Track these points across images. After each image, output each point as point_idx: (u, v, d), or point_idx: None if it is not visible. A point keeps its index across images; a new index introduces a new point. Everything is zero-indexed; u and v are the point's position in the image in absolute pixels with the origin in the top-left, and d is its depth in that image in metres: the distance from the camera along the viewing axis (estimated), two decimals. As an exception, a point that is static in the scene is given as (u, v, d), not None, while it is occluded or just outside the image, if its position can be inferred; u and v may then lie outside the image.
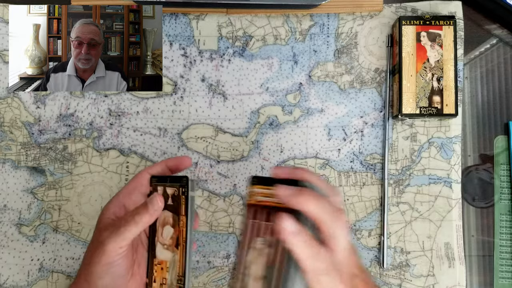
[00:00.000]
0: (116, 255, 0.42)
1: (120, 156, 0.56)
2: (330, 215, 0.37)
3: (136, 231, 0.42)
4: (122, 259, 0.42)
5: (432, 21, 0.54)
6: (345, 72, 0.57)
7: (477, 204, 0.57)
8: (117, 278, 0.43)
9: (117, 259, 0.42)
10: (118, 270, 0.43)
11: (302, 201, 0.37)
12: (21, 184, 0.56)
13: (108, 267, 0.42)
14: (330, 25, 0.57)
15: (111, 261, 0.42)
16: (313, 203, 0.37)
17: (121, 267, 0.43)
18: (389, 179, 0.56)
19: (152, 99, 0.57)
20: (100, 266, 0.42)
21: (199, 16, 0.57)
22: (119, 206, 0.45)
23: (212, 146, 0.56)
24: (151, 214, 0.42)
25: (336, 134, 0.56)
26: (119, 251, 0.42)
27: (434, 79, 0.54)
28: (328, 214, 0.37)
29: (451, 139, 0.56)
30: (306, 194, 0.37)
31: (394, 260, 0.55)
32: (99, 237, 0.43)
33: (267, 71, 0.57)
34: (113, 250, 0.41)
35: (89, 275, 0.43)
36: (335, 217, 0.37)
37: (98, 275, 0.42)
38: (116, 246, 0.41)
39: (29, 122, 0.56)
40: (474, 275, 0.56)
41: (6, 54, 0.57)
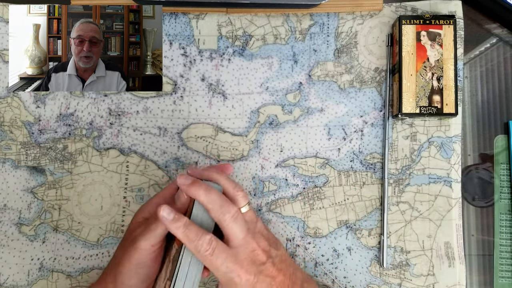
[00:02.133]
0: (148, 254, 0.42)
1: (120, 156, 0.56)
2: (216, 206, 0.42)
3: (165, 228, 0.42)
4: (152, 260, 0.43)
5: (432, 20, 0.54)
6: (345, 71, 0.57)
7: (477, 204, 0.57)
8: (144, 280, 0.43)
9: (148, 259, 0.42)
10: (147, 271, 0.43)
11: (194, 190, 0.42)
12: (21, 184, 0.56)
13: (137, 267, 0.42)
14: (330, 24, 0.57)
15: (142, 261, 0.42)
16: (202, 193, 0.42)
17: (150, 269, 0.43)
18: (389, 179, 0.56)
19: (152, 99, 0.57)
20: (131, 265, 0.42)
21: (199, 15, 0.58)
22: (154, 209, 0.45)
23: (212, 145, 0.56)
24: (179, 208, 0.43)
25: (336, 134, 0.56)
26: (150, 250, 0.42)
27: (434, 78, 0.54)
28: (215, 204, 0.42)
29: (451, 139, 0.56)
30: (198, 184, 0.43)
31: (394, 259, 0.55)
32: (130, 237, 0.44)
33: (267, 70, 0.57)
34: (145, 248, 0.42)
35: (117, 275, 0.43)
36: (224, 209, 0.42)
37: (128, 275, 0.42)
38: (147, 244, 0.42)
39: (29, 122, 0.56)
40: (474, 275, 0.56)
41: (6, 54, 0.57)
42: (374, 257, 0.55)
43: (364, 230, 0.55)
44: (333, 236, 0.55)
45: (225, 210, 0.42)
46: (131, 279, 0.42)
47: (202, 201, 0.42)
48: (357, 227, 0.55)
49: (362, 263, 0.55)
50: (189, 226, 0.41)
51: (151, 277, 0.44)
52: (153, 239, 0.42)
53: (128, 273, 0.42)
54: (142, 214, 0.46)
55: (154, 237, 0.42)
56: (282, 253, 0.46)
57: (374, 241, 0.55)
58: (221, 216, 0.42)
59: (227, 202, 0.43)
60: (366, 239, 0.55)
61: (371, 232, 0.55)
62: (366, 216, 0.56)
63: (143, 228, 0.43)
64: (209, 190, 0.42)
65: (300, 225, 0.55)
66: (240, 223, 0.43)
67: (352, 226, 0.55)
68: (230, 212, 0.42)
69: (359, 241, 0.55)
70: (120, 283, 0.43)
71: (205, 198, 0.42)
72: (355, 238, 0.55)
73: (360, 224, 0.55)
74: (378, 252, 0.55)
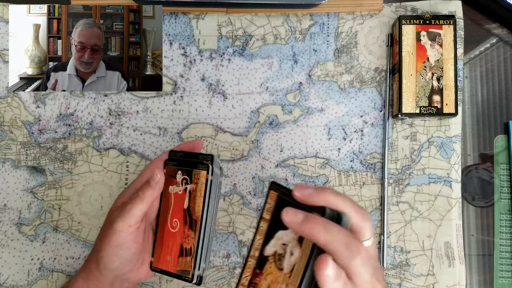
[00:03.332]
0: (126, 236, 0.42)
1: (120, 156, 0.56)
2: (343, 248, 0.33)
3: (142, 207, 0.43)
4: (131, 241, 0.43)
5: (432, 20, 0.54)
6: (345, 71, 0.57)
7: (477, 204, 0.57)
8: (126, 263, 0.44)
9: (127, 240, 0.43)
10: (128, 253, 0.43)
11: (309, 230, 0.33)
12: (21, 184, 0.56)
13: (118, 249, 0.43)
14: (330, 24, 0.57)
15: (121, 242, 0.42)
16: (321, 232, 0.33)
17: (130, 250, 0.43)
18: (389, 179, 0.56)
19: (152, 99, 0.57)
20: (110, 248, 0.43)
21: (199, 15, 0.58)
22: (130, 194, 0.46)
23: (212, 145, 0.56)
24: (153, 187, 0.43)
25: (336, 134, 0.56)
26: (128, 231, 0.42)
27: (434, 78, 0.54)
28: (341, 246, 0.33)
29: (451, 139, 0.56)
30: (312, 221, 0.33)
31: (394, 259, 0.55)
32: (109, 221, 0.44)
33: (267, 70, 0.57)
34: (122, 229, 0.42)
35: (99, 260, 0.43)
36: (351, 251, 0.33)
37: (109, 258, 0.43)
38: (124, 225, 0.42)
39: (29, 122, 0.56)
40: (474, 275, 0.56)
41: (6, 54, 0.57)
42: (374, 257, 0.55)
43: (364, 230, 0.55)
44: (333, 236, 0.55)
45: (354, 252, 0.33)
46: (113, 262, 0.43)
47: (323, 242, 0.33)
48: (357, 227, 0.55)
49: (362, 263, 0.55)
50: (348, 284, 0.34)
51: (133, 258, 0.44)
52: (129, 219, 0.42)
53: (109, 257, 0.43)
54: (121, 199, 0.46)
55: (130, 217, 0.42)
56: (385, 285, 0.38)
57: (374, 241, 0.55)
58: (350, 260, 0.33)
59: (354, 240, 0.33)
60: (366, 239, 0.55)
61: (371, 232, 0.55)
62: (366, 216, 0.55)
63: (120, 210, 0.43)
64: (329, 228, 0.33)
65: (300, 225, 0.55)
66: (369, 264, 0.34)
67: (352, 226, 0.55)
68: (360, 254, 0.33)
69: (359, 241, 0.55)
70: (103, 267, 0.43)
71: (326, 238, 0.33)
72: (355, 238, 0.55)
73: (360, 224, 0.55)
74: (378, 252, 0.55)
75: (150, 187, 0.43)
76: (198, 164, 0.44)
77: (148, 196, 0.43)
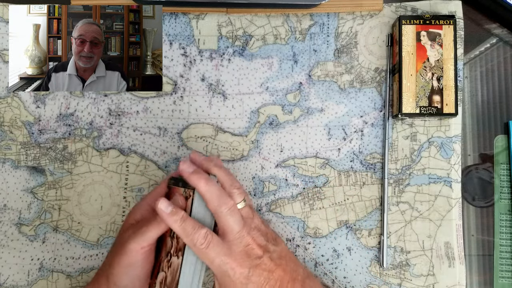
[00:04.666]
0: (137, 256, 0.42)
1: (120, 156, 0.56)
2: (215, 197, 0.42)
3: (157, 231, 0.43)
4: (142, 261, 0.43)
5: (432, 20, 0.54)
6: (345, 71, 0.57)
7: (477, 204, 0.57)
8: (136, 281, 0.43)
9: (138, 260, 0.43)
10: (138, 272, 0.43)
11: (195, 179, 0.43)
12: (21, 184, 0.56)
13: (129, 269, 0.42)
14: (330, 24, 0.57)
15: (132, 262, 0.42)
16: (203, 183, 0.42)
17: (142, 270, 0.43)
18: (389, 179, 0.56)
19: (152, 99, 0.57)
20: (121, 267, 0.42)
21: (199, 15, 0.58)
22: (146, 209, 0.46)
23: (212, 145, 0.56)
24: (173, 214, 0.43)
25: (336, 134, 0.56)
26: (140, 251, 0.42)
27: (434, 78, 0.54)
28: (214, 195, 0.42)
29: (451, 139, 0.56)
30: (200, 174, 0.43)
31: (394, 259, 0.55)
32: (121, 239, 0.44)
33: (267, 70, 0.57)
34: (135, 250, 0.42)
35: (110, 276, 0.43)
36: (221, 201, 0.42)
37: (119, 277, 0.43)
38: (137, 246, 0.42)
39: (29, 122, 0.56)
40: (474, 275, 0.56)
41: (6, 54, 0.57)
42: (374, 257, 0.55)
43: (364, 230, 0.55)
44: (333, 236, 0.55)
45: (222, 202, 0.43)
46: (122, 280, 0.43)
47: (201, 191, 0.43)
48: (357, 227, 0.55)
49: (362, 263, 0.55)
50: (186, 220, 0.42)
51: (142, 277, 0.44)
52: (142, 241, 0.42)
53: (119, 275, 0.43)
54: (133, 216, 0.46)
55: (144, 239, 0.42)
56: (282, 249, 0.46)
57: (374, 241, 0.55)
58: (218, 207, 0.42)
59: (225, 195, 0.43)
60: (366, 239, 0.55)
61: (371, 232, 0.55)
62: (366, 216, 0.56)
63: (134, 230, 0.43)
64: (210, 182, 0.43)
65: (300, 225, 0.55)
66: (236, 217, 0.43)
67: (352, 226, 0.55)
68: (227, 205, 0.43)
69: (359, 241, 0.55)
70: (113, 284, 0.43)
71: (205, 188, 0.42)
72: (355, 238, 0.55)
73: (360, 224, 0.55)
74: (378, 252, 0.55)
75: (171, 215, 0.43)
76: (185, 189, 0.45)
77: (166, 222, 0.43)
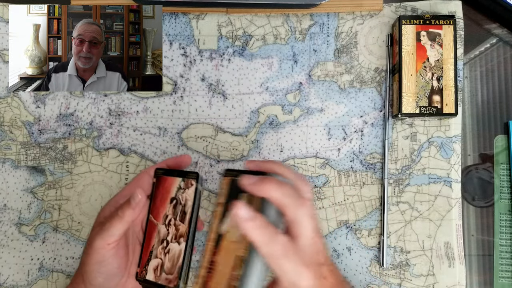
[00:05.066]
0: (105, 253, 0.42)
1: (120, 156, 0.56)
2: (293, 200, 0.37)
3: (121, 227, 0.42)
4: (113, 257, 0.43)
5: (432, 20, 0.54)
6: (345, 71, 0.57)
7: (477, 204, 0.57)
8: (111, 278, 0.43)
9: (107, 257, 0.42)
10: (111, 269, 0.43)
11: (264, 188, 0.37)
12: (21, 184, 0.56)
13: (99, 266, 0.42)
14: (330, 24, 0.57)
15: (101, 260, 0.42)
16: (275, 189, 0.37)
17: (113, 266, 0.43)
18: (389, 179, 0.56)
19: (152, 99, 0.57)
20: (91, 265, 0.42)
21: (199, 15, 0.58)
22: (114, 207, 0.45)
23: (212, 145, 0.56)
24: (133, 208, 0.43)
25: (336, 134, 0.56)
26: (107, 248, 0.42)
27: (434, 78, 0.54)
28: (291, 199, 0.37)
29: (451, 139, 0.56)
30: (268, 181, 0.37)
31: (394, 259, 0.55)
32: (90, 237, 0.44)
33: (267, 70, 0.57)
34: (101, 247, 0.42)
35: (84, 275, 0.43)
36: (299, 203, 0.37)
37: (92, 275, 0.43)
38: (103, 243, 0.42)
39: (29, 122, 0.56)
40: (474, 275, 0.56)
41: (6, 54, 0.57)
42: (374, 257, 0.55)
43: (364, 230, 0.55)
44: (333, 236, 0.55)
45: (301, 203, 0.37)
46: (96, 278, 0.43)
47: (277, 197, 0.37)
48: (357, 227, 0.55)
49: (362, 263, 0.55)
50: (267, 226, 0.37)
51: (117, 273, 0.44)
52: (108, 238, 0.42)
53: (92, 273, 0.42)
54: (103, 214, 0.45)
55: (108, 235, 0.42)
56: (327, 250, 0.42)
57: (374, 241, 0.55)
58: (297, 211, 0.37)
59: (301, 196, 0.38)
60: (366, 239, 0.55)
61: (371, 232, 0.55)
62: (366, 216, 0.56)
63: (99, 227, 0.43)
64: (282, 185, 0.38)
65: (300, 225, 0.55)
66: (314, 220, 0.38)
67: (352, 226, 0.55)
68: (305, 206, 0.38)
69: (359, 241, 0.55)
70: (88, 282, 0.43)
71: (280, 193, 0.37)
72: (355, 238, 0.55)
73: (360, 224, 0.55)
74: (378, 252, 0.55)
75: (130, 207, 0.42)
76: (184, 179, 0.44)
77: (128, 216, 0.42)
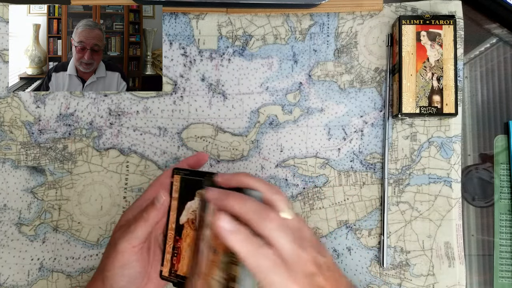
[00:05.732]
0: (130, 256, 0.42)
1: (120, 156, 0.56)
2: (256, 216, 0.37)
3: (145, 228, 0.42)
4: (136, 260, 0.42)
5: (432, 20, 0.54)
6: (345, 71, 0.57)
7: (477, 204, 0.57)
8: (132, 281, 0.43)
9: (131, 260, 0.42)
10: (133, 272, 0.43)
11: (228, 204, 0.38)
12: (21, 184, 0.56)
13: (122, 269, 0.42)
14: (330, 24, 0.57)
15: (125, 263, 0.42)
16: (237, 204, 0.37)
17: (136, 269, 0.43)
18: (389, 179, 0.56)
19: (152, 99, 0.57)
20: (115, 268, 0.42)
21: (199, 15, 0.58)
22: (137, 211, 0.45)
23: (212, 145, 0.56)
24: (158, 209, 0.43)
25: (336, 134, 0.56)
26: (131, 251, 0.42)
27: (434, 78, 0.54)
28: (255, 214, 0.37)
29: (451, 139, 0.56)
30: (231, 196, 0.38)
31: (394, 259, 0.55)
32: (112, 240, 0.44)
33: (267, 70, 0.57)
34: (126, 250, 0.42)
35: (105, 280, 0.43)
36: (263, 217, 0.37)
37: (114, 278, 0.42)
38: (128, 246, 0.42)
39: (29, 122, 0.56)
40: (474, 275, 0.56)
41: (6, 54, 0.57)
42: (374, 257, 0.55)
43: (364, 230, 0.55)
44: (333, 236, 0.55)
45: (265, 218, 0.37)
46: (118, 281, 0.42)
47: (240, 213, 0.37)
48: (357, 227, 0.55)
49: (362, 263, 0.55)
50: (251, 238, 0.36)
51: (138, 276, 0.43)
52: (133, 240, 0.41)
53: (114, 277, 0.42)
54: (125, 217, 0.45)
55: (133, 238, 0.41)
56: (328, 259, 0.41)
57: (374, 241, 0.55)
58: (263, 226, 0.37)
59: (266, 209, 0.38)
60: (366, 239, 0.55)
61: (371, 232, 0.55)
62: (366, 216, 0.56)
63: (123, 230, 0.43)
64: (243, 200, 0.38)
65: (300, 225, 0.55)
66: (287, 231, 0.37)
67: (352, 226, 0.55)
68: (272, 221, 0.37)
69: (359, 241, 0.55)
70: (109, 286, 0.43)
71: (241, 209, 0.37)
72: (355, 238, 0.55)
73: (360, 224, 0.55)
74: (378, 252, 0.55)
75: (155, 209, 0.42)
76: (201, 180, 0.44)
77: (153, 217, 0.42)
